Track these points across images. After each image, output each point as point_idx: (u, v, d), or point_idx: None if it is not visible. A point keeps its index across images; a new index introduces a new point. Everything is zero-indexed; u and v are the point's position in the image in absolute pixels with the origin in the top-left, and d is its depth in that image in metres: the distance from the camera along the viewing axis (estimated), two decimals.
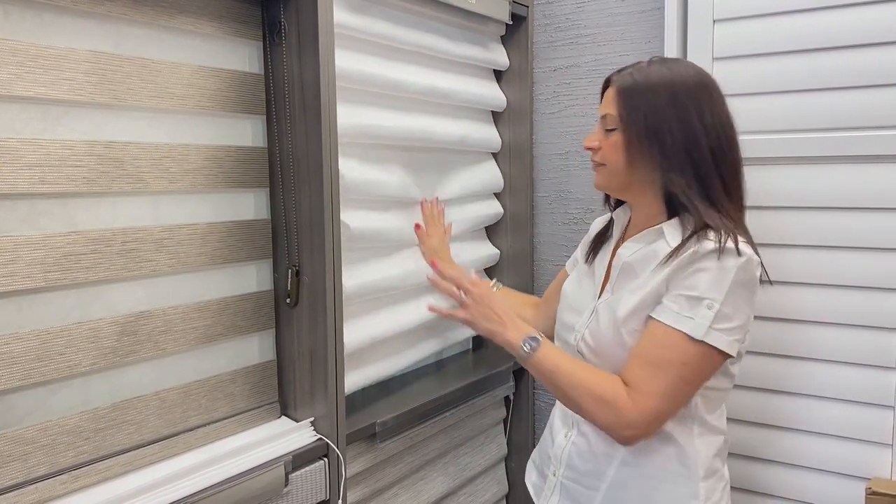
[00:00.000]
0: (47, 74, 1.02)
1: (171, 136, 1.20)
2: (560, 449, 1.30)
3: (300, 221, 1.32)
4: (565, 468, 1.29)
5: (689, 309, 1.09)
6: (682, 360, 1.09)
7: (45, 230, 1.04)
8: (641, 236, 1.21)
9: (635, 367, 1.12)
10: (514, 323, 1.30)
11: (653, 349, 1.11)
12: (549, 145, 1.94)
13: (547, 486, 1.34)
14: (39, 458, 1.05)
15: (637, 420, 1.11)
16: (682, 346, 1.09)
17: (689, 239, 1.12)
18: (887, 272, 1.42)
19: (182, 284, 1.23)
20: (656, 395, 1.10)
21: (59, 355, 1.06)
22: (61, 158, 1.04)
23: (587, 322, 1.24)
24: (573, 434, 1.28)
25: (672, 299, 1.11)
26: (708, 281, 1.08)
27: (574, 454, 1.27)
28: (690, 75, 1.16)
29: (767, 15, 1.51)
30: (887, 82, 1.40)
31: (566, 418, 1.30)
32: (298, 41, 1.28)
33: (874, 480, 1.44)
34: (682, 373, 1.10)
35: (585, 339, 1.23)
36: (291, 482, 1.25)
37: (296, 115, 1.30)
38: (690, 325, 1.08)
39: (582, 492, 1.25)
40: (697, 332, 1.08)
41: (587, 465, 1.25)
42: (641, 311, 1.14)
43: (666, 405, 1.11)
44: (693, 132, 1.13)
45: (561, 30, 1.89)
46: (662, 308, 1.12)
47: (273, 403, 1.38)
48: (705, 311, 1.08)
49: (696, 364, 1.10)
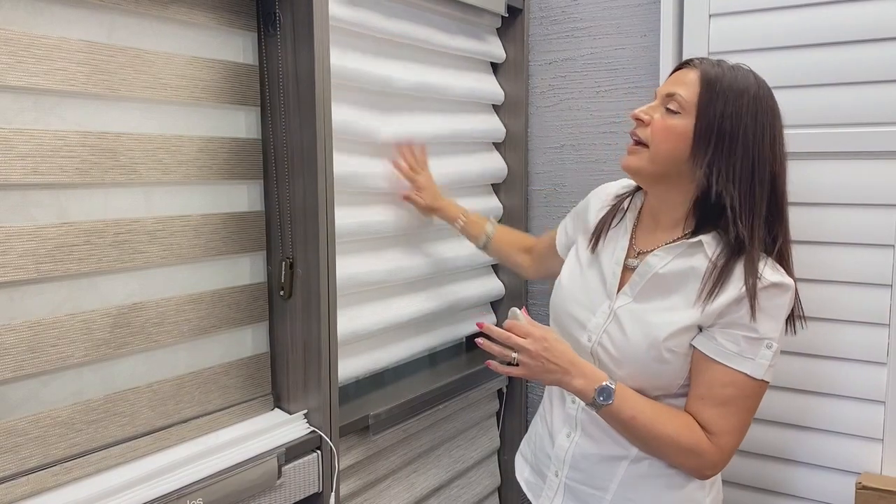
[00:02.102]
0: (40, 64, 1.02)
1: (165, 126, 1.19)
2: (562, 450, 1.27)
3: (294, 213, 1.31)
4: (569, 469, 1.26)
5: (749, 350, 1.09)
6: (745, 395, 1.11)
7: (37, 221, 1.03)
8: (674, 247, 1.16)
9: (705, 410, 1.12)
10: (577, 369, 1.14)
11: (717, 389, 1.11)
12: (545, 139, 1.94)
13: (548, 486, 1.30)
14: (31, 450, 1.05)
15: (719, 460, 1.13)
16: (743, 383, 1.10)
17: (737, 263, 1.10)
18: (877, 267, 1.43)
19: (175, 276, 1.22)
20: (732, 432, 1.12)
21: (52, 347, 1.06)
22: (54, 149, 1.04)
23: (604, 325, 1.20)
24: (577, 435, 1.25)
25: (730, 338, 1.10)
26: (768, 321, 1.09)
27: (579, 456, 1.24)
28: (772, 97, 1.14)
29: (763, 10, 1.50)
30: (884, 78, 1.40)
31: (568, 418, 1.27)
32: (293, 32, 1.27)
33: (864, 475, 1.45)
34: (747, 405, 1.12)
35: (604, 346, 1.19)
36: (284, 474, 1.25)
37: (290, 106, 1.29)
38: (751, 366, 1.10)
39: (590, 493, 1.23)
40: (758, 373, 1.10)
41: (595, 466, 1.22)
42: (685, 333, 1.12)
43: (739, 437, 1.13)
44: (764, 153, 1.10)
45: (557, 23, 1.89)
46: (718, 346, 1.11)
47: (266, 396, 1.38)
48: (765, 350, 1.09)
49: (757, 396, 1.13)
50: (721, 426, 1.11)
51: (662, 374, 1.15)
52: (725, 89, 1.10)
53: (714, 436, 1.12)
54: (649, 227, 1.23)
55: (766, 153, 1.11)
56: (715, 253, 1.12)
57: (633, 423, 1.13)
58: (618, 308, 1.19)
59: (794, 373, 1.53)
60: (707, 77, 1.12)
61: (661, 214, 1.21)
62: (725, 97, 1.10)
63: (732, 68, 1.13)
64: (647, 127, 1.15)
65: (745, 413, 1.12)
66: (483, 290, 1.92)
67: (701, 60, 1.15)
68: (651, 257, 1.18)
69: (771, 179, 1.12)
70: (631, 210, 1.27)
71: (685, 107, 1.12)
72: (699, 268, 1.13)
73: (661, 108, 1.15)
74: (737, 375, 1.10)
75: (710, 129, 1.10)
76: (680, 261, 1.15)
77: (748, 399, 1.12)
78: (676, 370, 1.14)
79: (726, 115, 1.10)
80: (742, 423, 1.12)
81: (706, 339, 1.12)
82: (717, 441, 1.12)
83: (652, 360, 1.13)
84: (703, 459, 1.12)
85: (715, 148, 1.10)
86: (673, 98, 1.13)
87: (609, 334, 1.19)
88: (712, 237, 1.13)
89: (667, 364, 1.13)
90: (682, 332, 1.12)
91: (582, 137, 1.87)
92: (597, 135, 1.85)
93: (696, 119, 1.11)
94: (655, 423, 1.12)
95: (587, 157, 1.87)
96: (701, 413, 1.13)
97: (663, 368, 1.14)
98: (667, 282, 1.16)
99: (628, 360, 1.16)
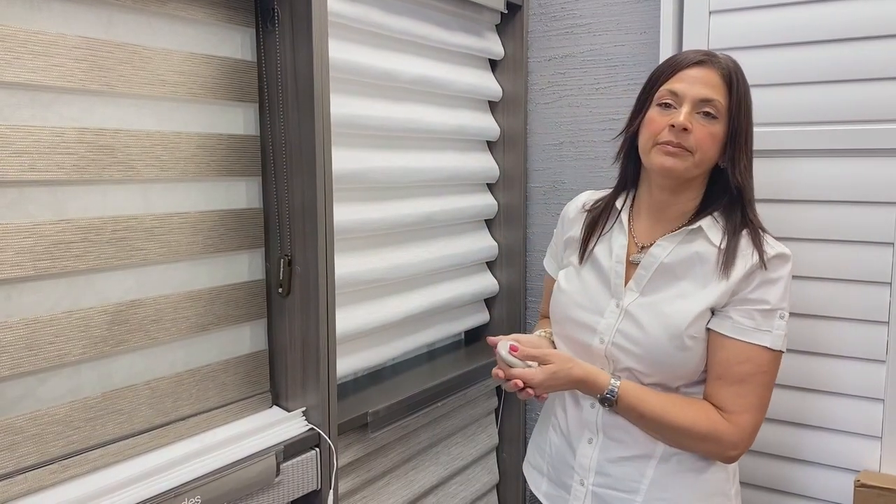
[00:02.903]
0: (37, 60, 1.01)
1: (163, 123, 1.18)
2: (586, 458, 1.25)
3: (292, 210, 1.31)
4: (596, 475, 1.23)
5: (765, 323, 1.12)
6: (762, 370, 1.13)
7: (34, 218, 1.03)
8: (675, 235, 1.19)
9: (723, 389, 1.14)
10: (581, 385, 1.17)
11: (734, 367, 1.13)
12: (544, 136, 1.93)
13: (574, 497, 1.26)
14: (29, 448, 1.04)
15: (739, 440, 1.14)
16: (761, 358, 1.13)
17: (739, 240, 1.15)
18: (876, 264, 1.43)
19: (173, 273, 1.22)
20: (750, 409, 1.13)
21: (49, 344, 1.05)
22: (51, 145, 1.03)
23: (615, 324, 1.19)
24: (600, 439, 1.23)
25: (744, 314, 1.13)
26: (778, 292, 1.13)
27: (605, 461, 1.23)
28: None
29: (763, 7, 1.50)
30: (883, 76, 1.40)
31: (587, 424, 1.24)
32: (292, 28, 1.26)
33: (863, 473, 1.45)
34: (765, 380, 1.14)
35: (620, 345, 1.18)
36: (283, 472, 1.25)
37: (289, 103, 1.29)
38: (770, 338, 1.12)
39: (620, 497, 1.21)
40: (777, 344, 1.13)
41: (623, 469, 1.21)
42: (703, 318, 1.15)
43: (759, 414, 1.15)
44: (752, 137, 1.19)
45: (556, 19, 1.88)
46: (734, 324, 1.13)
47: (264, 393, 1.38)
48: (779, 321, 1.13)
49: (773, 370, 1.15)
50: (739, 404, 1.13)
51: (685, 363, 1.16)
52: (741, 85, 1.16)
53: (732, 414, 1.13)
54: (649, 220, 1.24)
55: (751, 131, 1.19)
56: (718, 236, 1.16)
57: (644, 420, 1.16)
58: (628, 305, 1.19)
59: (794, 370, 1.53)
60: (729, 79, 1.16)
61: (668, 207, 1.22)
62: (743, 93, 1.16)
63: (732, 60, 1.18)
64: (691, 134, 1.13)
65: (763, 389, 1.14)
66: (479, 286, 1.92)
67: (714, 58, 1.17)
68: (654, 248, 1.20)
69: None
70: (624, 210, 1.27)
71: (722, 112, 1.15)
72: (703, 252, 1.16)
73: (696, 113, 1.14)
74: (754, 350, 1.12)
75: (737, 130, 1.16)
76: (682, 248, 1.18)
77: (765, 374, 1.13)
78: (699, 356, 1.16)
79: (747, 112, 1.17)
80: (760, 399, 1.14)
81: (721, 319, 1.14)
82: (736, 420, 1.13)
83: (675, 349, 1.15)
84: (722, 442, 1.13)
85: (736, 145, 1.16)
86: (711, 104, 1.14)
87: (623, 332, 1.18)
88: (710, 222, 1.18)
89: (689, 351, 1.15)
90: (700, 317, 1.14)
91: (581, 134, 1.87)
92: (596, 132, 1.85)
93: (728, 122, 1.16)
94: (667, 415, 1.14)
95: (586, 153, 1.86)
96: (718, 393, 1.14)
97: (686, 356, 1.15)
98: (673, 270, 1.18)
99: (649, 354, 1.16)
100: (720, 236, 1.16)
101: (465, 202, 1.85)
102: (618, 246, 1.24)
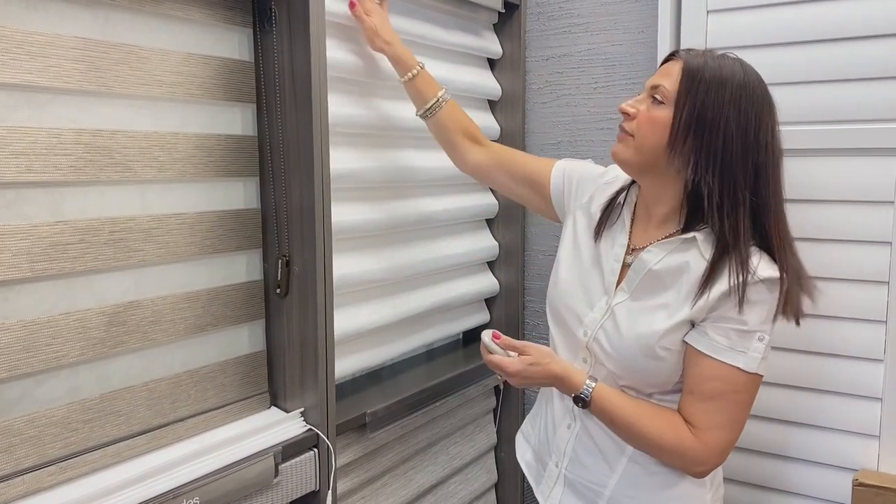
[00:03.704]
0: (34, 61, 1.01)
1: (160, 124, 1.18)
2: (563, 441, 1.27)
3: (290, 211, 1.31)
4: (569, 462, 1.26)
5: (740, 343, 1.08)
6: (735, 389, 1.10)
7: (31, 219, 1.03)
8: (668, 243, 1.15)
9: (692, 404, 1.12)
10: (558, 382, 1.19)
11: (706, 383, 1.10)
12: (542, 135, 1.93)
13: (548, 474, 1.31)
14: (26, 450, 1.04)
15: (706, 457, 1.12)
16: (734, 377, 1.09)
17: (728, 258, 1.08)
18: (874, 264, 1.43)
19: (171, 274, 1.21)
20: (719, 427, 1.10)
21: (47, 346, 1.05)
22: (48, 147, 1.03)
23: (601, 321, 1.19)
24: (577, 427, 1.25)
25: (721, 332, 1.09)
26: (759, 314, 1.08)
27: (579, 449, 1.25)
28: (762, 87, 1.11)
29: (761, 6, 1.50)
30: (880, 75, 1.40)
31: (567, 411, 1.27)
32: (289, 28, 1.26)
33: (861, 472, 1.45)
34: (738, 399, 1.11)
35: (600, 343, 1.19)
36: (281, 473, 1.25)
37: (286, 103, 1.28)
38: (744, 359, 1.08)
39: (589, 486, 1.23)
40: (751, 366, 1.09)
41: (593, 460, 1.23)
42: (679, 329, 1.12)
43: (729, 434, 1.12)
44: (747, 144, 1.08)
45: (554, 18, 1.88)
46: (710, 341, 1.10)
47: (263, 394, 1.38)
48: (756, 343, 1.09)
49: (748, 391, 1.11)
50: (707, 421, 1.11)
51: (657, 372, 1.14)
52: (707, 79, 1.09)
53: (701, 430, 1.11)
54: (643, 221, 1.22)
55: (751, 144, 1.09)
56: (709, 250, 1.11)
57: (613, 425, 1.16)
58: (615, 305, 1.19)
59: (792, 369, 1.53)
60: (689, 67, 1.10)
61: (653, 208, 1.20)
62: (707, 87, 1.08)
63: (718, 58, 1.12)
64: (634, 119, 1.15)
65: (735, 407, 1.11)
66: (479, 286, 1.92)
67: (687, 51, 1.14)
68: (645, 254, 1.17)
69: (755, 171, 1.09)
70: (627, 205, 1.25)
71: (668, 97, 1.11)
72: (692, 264, 1.12)
73: (647, 99, 1.15)
74: (726, 369, 1.09)
75: (688, 120, 1.09)
76: (673, 257, 1.14)
77: (738, 394, 1.10)
78: (671, 367, 1.13)
79: (707, 105, 1.08)
80: (731, 418, 1.11)
81: (698, 335, 1.11)
82: (704, 436, 1.10)
83: (646, 357, 1.13)
84: (687, 458, 1.12)
85: (695, 138, 1.09)
86: (657, 89, 1.13)
87: (605, 330, 1.18)
88: (706, 233, 1.12)
89: (661, 361, 1.13)
90: (675, 329, 1.12)
91: (579, 133, 1.87)
92: (594, 131, 1.84)
93: (676, 110, 1.10)
94: (636, 423, 1.14)
95: (584, 153, 1.86)
96: (689, 408, 1.12)
97: (658, 366, 1.13)
98: (661, 278, 1.15)
99: (622, 357, 1.16)
100: (710, 250, 1.11)
101: (466, 201, 1.85)
102: (618, 245, 1.23)
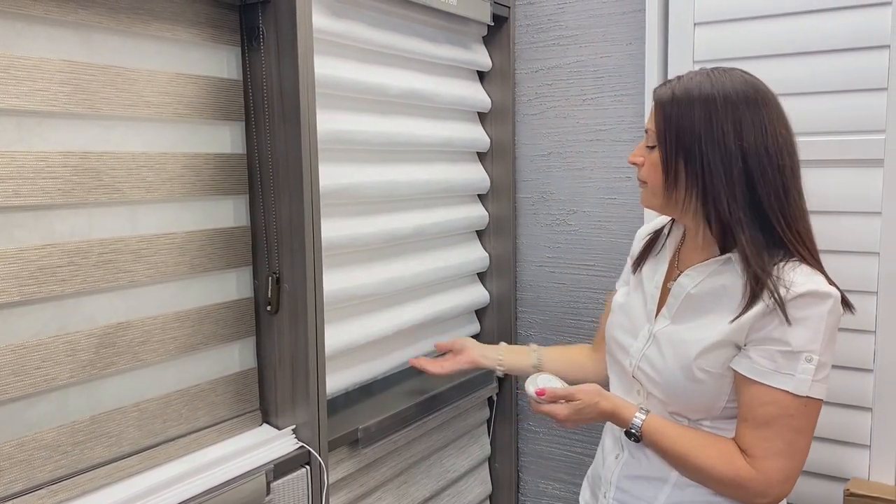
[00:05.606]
0: (20, 85, 1.01)
1: (148, 144, 1.18)
2: (610, 471, 1.25)
3: (280, 228, 1.31)
4: (615, 490, 1.24)
5: (786, 366, 1.04)
6: (788, 413, 1.05)
7: (20, 243, 1.02)
8: (705, 266, 1.14)
9: (747, 432, 1.08)
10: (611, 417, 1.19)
11: (757, 409, 1.06)
12: (532, 146, 1.94)
13: None
14: (16, 474, 1.04)
15: (765, 487, 1.06)
16: (784, 402, 1.04)
17: (760, 275, 1.05)
18: (862, 276, 1.43)
19: (161, 294, 1.21)
20: (776, 455, 1.05)
21: (36, 369, 1.05)
22: (36, 170, 1.03)
23: (643, 348, 1.19)
24: (624, 456, 1.23)
25: (764, 355, 1.05)
26: (805, 333, 1.03)
27: (623, 476, 1.23)
28: (735, 89, 1.07)
29: (748, 19, 1.51)
30: (865, 87, 1.41)
31: (616, 441, 1.26)
32: (277, 46, 1.26)
33: (852, 481, 1.45)
34: (792, 425, 1.05)
35: (644, 370, 1.18)
36: (273, 491, 1.25)
37: (275, 121, 1.29)
38: (792, 383, 1.04)
39: None
40: (801, 390, 1.04)
41: (638, 487, 1.20)
42: (717, 350, 1.09)
43: (789, 461, 1.06)
44: (728, 155, 1.05)
45: (543, 31, 1.89)
46: (752, 364, 1.06)
47: (254, 411, 1.38)
48: (805, 364, 1.03)
49: (804, 415, 1.06)
50: (763, 449, 1.06)
51: (698, 395, 1.12)
52: (676, 106, 1.09)
53: (757, 459, 1.06)
54: (691, 248, 1.21)
55: (731, 152, 1.05)
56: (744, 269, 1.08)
57: (667, 458, 1.14)
58: (657, 331, 1.18)
59: None
60: (658, 101, 1.12)
61: (694, 238, 1.19)
62: (679, 112, 1.08)
63: (683, 79, 1.11)
64: (643, 167, 1.17)
65: (793, 434, 1.05)
66: (469, 298, 1.92)
67: (662, 85, 1.14)
68: (683, 277, 1.16)
69: (746, 178, 1.06)
70: (672, 235, 1.26)
71: (653, 138, 1.14)
72: (730, 286, 1.10)
73: (644, 145, 1.17)
74: (775, 393, 1.04)
75: (670, 152, 1.10)
76: (712, 280, 1.13)
77: (791, 418, 1.04)
78: (712, 391, 1.11)
79: (680, 132, 1.08)
80: (789, 445, 1.05)
81: (742, 359, 1.08)
82: (761, 466, 1.06)
83: (686, 380, 1.11)
84: (746, 489, 1.07)
85: (686, 166, 1.09)
86: (647, 134, 1.16)
87: (648, 358, 1.18)
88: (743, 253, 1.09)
89: (701, 384, 1.10)
90: (713, 349, 1.09)
91: (569, 145, 1.88)
92: (584, 142, 1.85)
93: (660, 147, 1.12)
94: (689, 455, 1.11)
95: (574, 164, 1.87)
96: (744, 436, 1.08)
97: (699, 388, 1.11)
98: (701, 301, 1.13)
99: (665, 381, 1.14)
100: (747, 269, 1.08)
101: (456, 214, 1.85)
102: (659, 272, 1.23)
